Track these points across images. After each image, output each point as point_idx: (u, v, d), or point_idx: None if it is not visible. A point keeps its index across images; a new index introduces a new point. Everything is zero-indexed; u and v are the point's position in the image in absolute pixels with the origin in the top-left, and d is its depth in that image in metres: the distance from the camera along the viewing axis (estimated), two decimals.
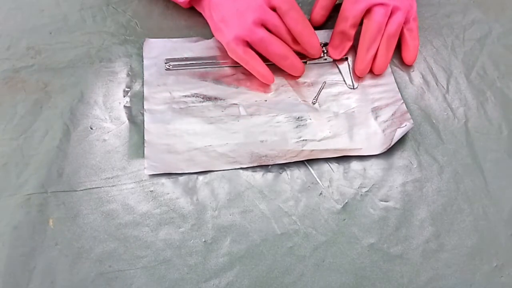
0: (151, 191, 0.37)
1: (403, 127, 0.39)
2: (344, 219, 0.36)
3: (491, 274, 0.35)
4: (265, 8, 0.38)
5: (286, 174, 0.38)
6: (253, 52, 0.40)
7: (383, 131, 0.40)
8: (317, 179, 0.38)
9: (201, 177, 0.38)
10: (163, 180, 0.37)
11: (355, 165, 0.39)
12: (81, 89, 0.42)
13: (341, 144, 0.40)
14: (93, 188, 0.37)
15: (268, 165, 0.38)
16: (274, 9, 0.39)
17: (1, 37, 0.44)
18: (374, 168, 0.39)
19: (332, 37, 0.44)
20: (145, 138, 0.39)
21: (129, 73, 0.43)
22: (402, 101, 0.42)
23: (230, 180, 0.38)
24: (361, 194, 0.38)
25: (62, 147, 0.38)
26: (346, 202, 0.37)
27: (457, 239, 0.36)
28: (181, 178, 0.38)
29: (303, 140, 0.40)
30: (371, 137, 0.40)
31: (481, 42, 0.47)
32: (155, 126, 0.40)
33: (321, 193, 0.38)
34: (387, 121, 0.41)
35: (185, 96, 0.42)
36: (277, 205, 0.37)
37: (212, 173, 0.38)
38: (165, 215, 0.36)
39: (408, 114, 0.41)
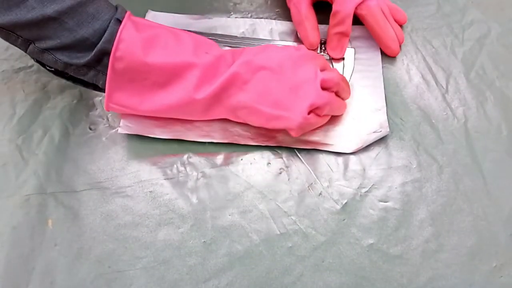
0: (150, 191, 0.37)
1: (377, 132, 0.39)
2: (344, 219, 0.36)
3: (490, 274, 0.35)
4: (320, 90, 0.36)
5: (286, 174, 0.38)
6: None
7: (359, 132, 0.40)
8: (317, 179, 0.38)
9: (200, 177, 0.38)
10: (162, 180, 0.37)
11: (354, 165, 0.39)
12: (80, 90, 0.42)
13: (314, 137, 0.40)
14: (92, 188, 0.37)
15: (268, 164, 0.39)
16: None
17: None
18: (373, 168, 0.39)
19: (329, 38, 0.44)
20: None
21: None
22: (385, 106, 0.41)
23: (230, 180, 0.38)
24: (360, 195, 0.38)
25: (61, 148, 0.38)
26: (346, 202, 0.37)
27: (456, 239, 0.36)
28: (180, 178, 0.38)
29: None
30: (345, 136, 0.40)
31: (480, 42, 0.47)
32: None
33: (320, 193, 0.38)
34: (365, 123, 0.40)
35: None
36: (277, 205, 0.37)
37: (212, 172, 0.38)
38: (164, 215, 0.36)
39: (386, 122, 0.40)
